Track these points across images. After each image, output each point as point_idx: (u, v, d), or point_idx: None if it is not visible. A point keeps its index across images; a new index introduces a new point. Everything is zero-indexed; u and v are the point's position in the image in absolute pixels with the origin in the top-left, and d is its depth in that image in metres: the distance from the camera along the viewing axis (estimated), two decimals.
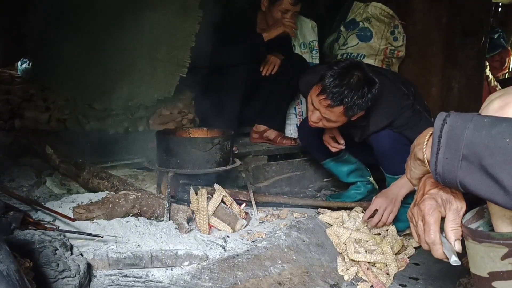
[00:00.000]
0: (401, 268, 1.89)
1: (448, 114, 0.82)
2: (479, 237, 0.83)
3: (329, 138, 2.35)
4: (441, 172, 0.82)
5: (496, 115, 0.80)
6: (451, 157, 0.79)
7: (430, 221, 0.92)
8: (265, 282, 1.55)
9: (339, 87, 1.95)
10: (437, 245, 0.92)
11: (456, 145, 0.78)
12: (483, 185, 0.76)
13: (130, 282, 1.41)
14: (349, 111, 2.00)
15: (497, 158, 0.73)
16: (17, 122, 2.65)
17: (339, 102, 1.96)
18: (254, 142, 3.05)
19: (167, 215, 1.79)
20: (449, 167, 0.80)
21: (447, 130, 0.80)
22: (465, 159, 0.77)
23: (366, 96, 1.97)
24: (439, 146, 0.81)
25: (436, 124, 0.83)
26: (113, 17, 2.56)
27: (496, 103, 0.81)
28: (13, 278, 0.90)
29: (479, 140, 0.75)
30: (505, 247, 0.79)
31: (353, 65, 2.00)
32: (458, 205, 0.91)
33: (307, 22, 3.35)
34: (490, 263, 0.82)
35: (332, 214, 2.15)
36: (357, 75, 1.96)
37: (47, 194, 2.09)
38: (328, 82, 1.96)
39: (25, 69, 3.03)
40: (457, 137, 0.78)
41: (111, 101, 2.73)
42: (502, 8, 5.51)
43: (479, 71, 3.65)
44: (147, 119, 2.93)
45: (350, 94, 1.94)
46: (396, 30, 3.32)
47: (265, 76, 2.95)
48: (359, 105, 1.98)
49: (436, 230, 0.92)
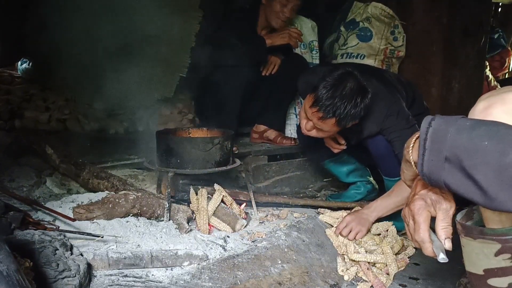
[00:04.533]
0: (401, 268, 1.89)
1: (434, 117, 0.86)
2: (473, 233, 0.86)
3: (330, 140, 2.35)
4: (427, 173, 0.85)
5: (480, 116, 0.83)
6: (436, 159, 0.83)
7: (420, 220, 0.96)
8: (265, 282, 1.55)
9: (331, 99, 1.94)
10: (427, 243, 0.95)
11: (440, 148, 0.81)
12: (464, 185, 0.79)
13: (130, 282, 1.41)
14: (342, 121, 1.99)
15: (475, 159, 0.76)
16: (17, 122, 2.65)
17: (331, 114, 1.96)
18: (254, 142, 3.05)
19: (167, 215, 1.79)
20: (434, 168, 0.83)
21: (432, 133, 0.84)
22: (448, 161, 0.80)
23: (359, 106, 1.97)
24: (425, 149, 0.85)
25: (422, 127, 0.86)
26: (113, 17, 2.56)
27: (481, 104, 0.85)
28: (13, 278, 0.90)
29: (460, 143, 0.78)
30: (498, 243, 0.81)
31: (346, 75, 1.99)
32: (447, 205, 0.94)
33: (307, 22, 3.35)
34: (485, 260, 0.84)
35: (332, 214, 2.16)
36: (349, 86, 1.95)
37: (47, 194, 2.09)
38: (321, 94, 1.96)
39: (25, 69, 3.03)
40: (440, 140, 0.82)
41: (111, 101, 2.73)
42: (502, 8, 5.51)
43: (479, 71, 3.65)
44: (147, 119, 2.93)
45: (342, 106, 1.94)
46: (396, 30, 3.32)
47: (265, 76, 2.95)
48: (352, 115, 1.98)
49: (425, 229, 0.95)
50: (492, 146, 0.74)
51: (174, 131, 2.29)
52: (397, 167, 2.31)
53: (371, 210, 2.03)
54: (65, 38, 2.59)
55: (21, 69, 3.08)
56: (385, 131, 2.15)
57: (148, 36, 2.67)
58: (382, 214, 2.05)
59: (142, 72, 2.67)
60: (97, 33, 2.54)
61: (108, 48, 2.62)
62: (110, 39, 2.58)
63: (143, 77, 2.70)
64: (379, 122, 2.14)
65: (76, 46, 2.61)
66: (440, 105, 3.42)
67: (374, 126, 2.16)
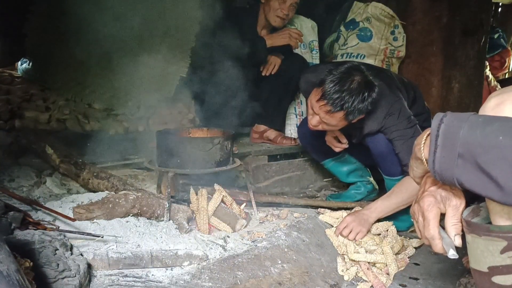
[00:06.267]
0: (401, 268, 1.89)
1: (445, 114, 0.85)
2: (478, 230, 0.85)
3: (331, 139, 2.35)
4: (439, 170, 0.85)
5: (492, 112, 0.83)
6: (448, 156, 0.82)
7: (429, 217, 0.95)
8: (265, 282, 1.55)
9: (339, 92, 1.94)
10: (436, 240, 0.95)
11: (452, 144, 0.81)
12: (479, 182, 0.78)
13: (130, 282, 1.41)
14: (350, 115, 1.99)
15: (491, 155, 0.75)
16: (17, 122, 2.65)
17: (339, 108, 1.96)
18: (254, 142, 3.05)
19: (167, 215, 1.79)
20: (446, 165, 0.83)
21: (444, 129, 0.83)
22: (461, 157, 0.80)
23: (366, 100, 1.97)
24: (436, 145, 0.84)
25: (433, 124, 0.86)
26: (113, 18, 2.56)
27: (493, 101, 0.84)
28: (13, 278, 0.90)
29: (474, 139, 0.78)
30: (504, 240, 0.81)
31: (353, 69, 1.99)
32: (457, 201, 0.94)
33: (307, 22, 3.35)
34: (490, 257, 0.83)
35: (332, 214, 2.16)
36: (357, 80, 1.95)
37: (47, 194, 2.09)
38: (328, 88, 1.95)
39: (25, 69, 3.03)
40: (453, 136, 0.81)
41: (111, 101, 2.73)
42: (502, 8, 5.51)
43: (479, 71, 3.65)
44: (147, 119, 2.93)
45: (350, 100, 1.94)
46: (396, 30, 3.32)
47: (265, 76, 2.95)
48: (359, 110, 1.98)
49: (435, 225, 0.95)
50: (508, 141, 0.73)
51: (174, 131, 2.29)
52: (398, 167, 2.31)
53: (371, 210, 2.03)
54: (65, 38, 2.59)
55: (21, 69, 3.08)
56: (386, 130, 2.15)
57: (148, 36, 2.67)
58: (383, 215, 2.05)
59: (142, 72, 2.67)
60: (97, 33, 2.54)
61: (108, 48, 2.62)
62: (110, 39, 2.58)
63: (143, 77, 2.70)
64: (380, 120, 2.14)
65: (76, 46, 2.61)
66: (440, 105, 3.42)
67: (374, 124, 2.16)
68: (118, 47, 2.64)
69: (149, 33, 2.66)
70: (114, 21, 2.54)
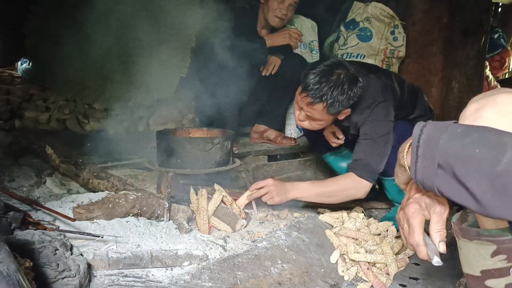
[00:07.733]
0: (401, 268, 1.89)
1: (425, 124, 0.86)
2: (469, 234, 0.86)
3: (329, 133, 2.37)
4: (421, 179, 0.86)
5: (471, 117, 0.84)
6: (428, 166, 0.83)
7: (414, 224, 0.96)
8: (265, 282, 1.55)
9: (318, 84, 1.94)
10: (421, 247, 0.95)
11: (432, 154, 0.82)
12: (457, 192, 0.79)
13: (130, 282, 1.41)
14: (331, 108, 1.97)
15: (467, 167, 0.76)
16: (17, 122, 2.65)
17: (318, 99, 1.95)
18: (254, 142, 3.05)
19: (167, 215, 1.79)
20: (427, 174, 0.84)
21: (424, 139, 0.84)
22: (440, 168, 0.81)
23: (347, 93, 1.95)
24: (417, 155, 0.85)
25: (414, 133, 0.87)
26: (113, 18, 2.56)
27: (473, 106, 0.86)
28: (13, 278, 0.90)
29: (452, 150, 0.79)
30: (493, 244, 0.82)
31: (337, 64, 1.99)
32: (441, 208, 0.95)
33: (307, 22, 3.35)
34: (482, 261, 0.84)
35: (332, 214, 2.16)
36: (338, 73, 1.95)
37: (47, 194, 2.09)
38: (309, 79, 1.96)
39: (25, 69, 3.03)
40: (432, 146, 0.82)
41: (111, 101, 2.73)
42: (502, 8, 5.52)
43: (479, 71, 3.65)
44: (147, 119, 2.93)
45: (329, 91, 1.93)
46: (396, 30, 3.32)
47: (265, 76, 2.95)
48: (340, 102, 1.96)
49: (420, 232, 0.96)
50: (484, 154, 0.74)
51: (174, 131, 2.29)
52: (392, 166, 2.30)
53: (294, 188, 2.03)
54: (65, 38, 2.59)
55: (21, 69, 3.08)
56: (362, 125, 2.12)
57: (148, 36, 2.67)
58: (301, 197, 2.05)
59: (142, 72, 2.67)
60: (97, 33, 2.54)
61: (108, 48, 2.62)
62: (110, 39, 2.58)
63: (143, 77, 2.70)
64: (365, 116, 2.11)
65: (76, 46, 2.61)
66: (440, 105, 3.43)
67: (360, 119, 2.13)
68: (118, 47, 2.64)
69: (149, 33, 2.65)
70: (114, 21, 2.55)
